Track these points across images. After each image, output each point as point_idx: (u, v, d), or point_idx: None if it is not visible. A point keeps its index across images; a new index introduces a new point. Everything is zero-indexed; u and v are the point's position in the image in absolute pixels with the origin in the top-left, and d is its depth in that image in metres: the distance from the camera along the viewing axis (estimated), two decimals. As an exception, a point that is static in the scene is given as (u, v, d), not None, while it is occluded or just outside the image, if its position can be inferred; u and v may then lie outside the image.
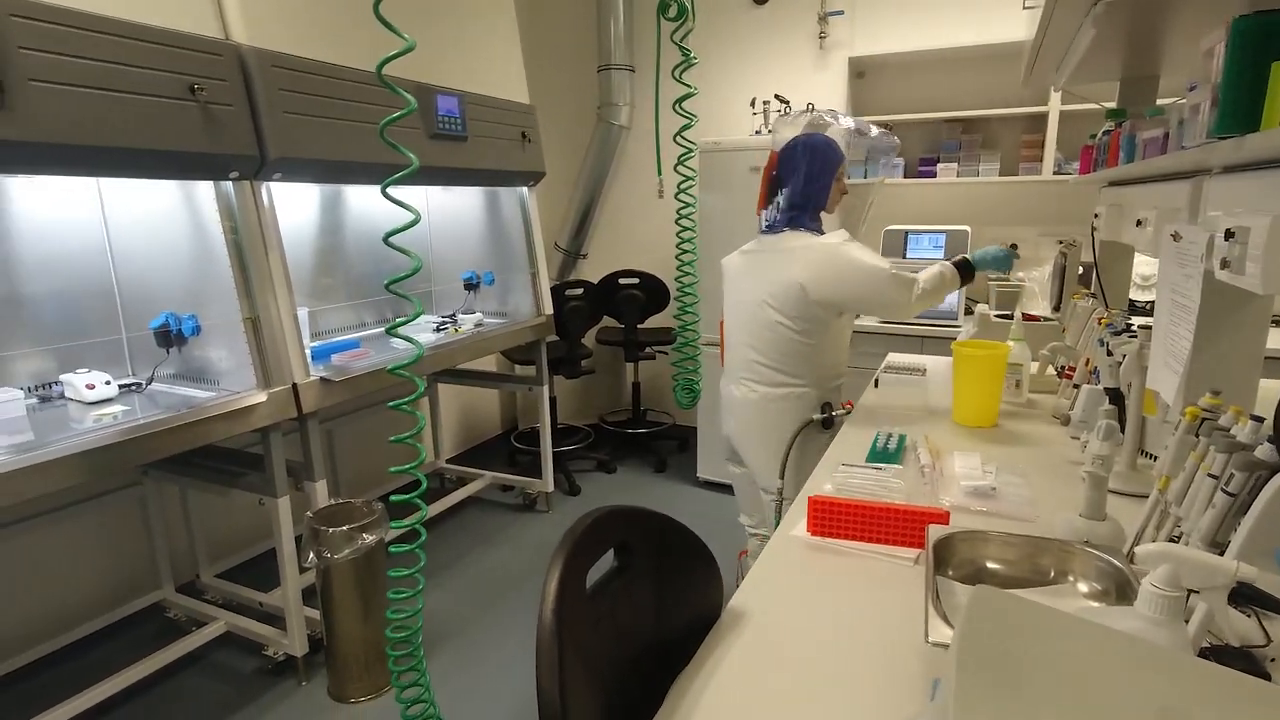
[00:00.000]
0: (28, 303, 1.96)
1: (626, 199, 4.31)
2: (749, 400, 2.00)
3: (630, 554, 0.89)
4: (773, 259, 1.94)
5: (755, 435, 2.03)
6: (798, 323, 1.89)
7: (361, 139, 2.16)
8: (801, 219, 1.93)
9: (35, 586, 2.23)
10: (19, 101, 1.37)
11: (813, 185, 1.92)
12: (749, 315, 1.97)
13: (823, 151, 1.92)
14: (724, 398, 2.13)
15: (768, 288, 1.91)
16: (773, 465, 1.97)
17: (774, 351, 1.93)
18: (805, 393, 1.95)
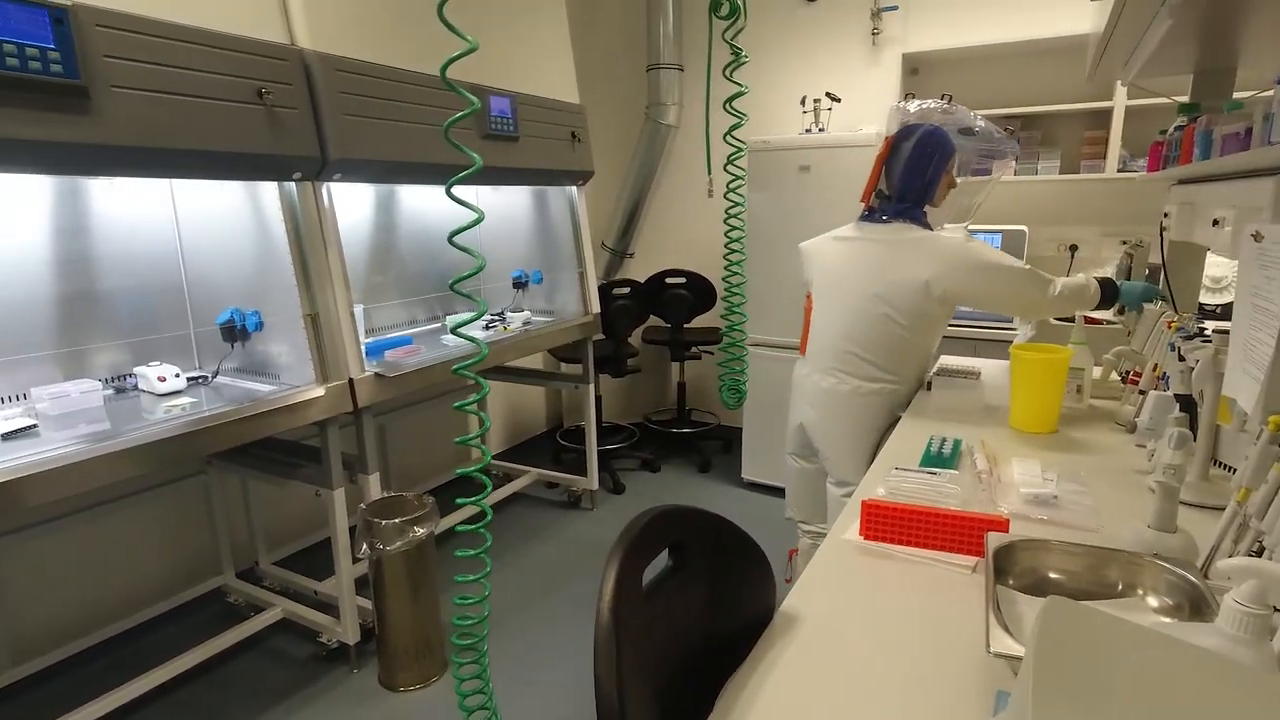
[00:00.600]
0: (104, 298, 2.06)
1: (674, 198, 4.31)
2: (838, 392, 1.95)
3: (685, 553, 0.89)
4: (885, 250, 1.88)
5: (840, 428, 1.97)
6: (908, 318, 1.84)
7: (417, 139, 2.21)
8: (912, 211, 1.88)
9: (106, 570, 2.34)
10: (103, 106, 1.44)
11: (915, 178, 1.88)
12: (852, 306, 1.92)
13: (941, 144, 1.88)
14: (803, 386, 2.07)
15: (880, 280, 1.86)
16: (855, 460, 1.92)
17: (874, 345, 1.89)
18: (896, 390, 1.92)
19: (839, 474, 2.00)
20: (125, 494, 2.33)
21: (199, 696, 2.18)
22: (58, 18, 1.35)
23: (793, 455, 2.17)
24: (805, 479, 2.16)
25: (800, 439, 2.10)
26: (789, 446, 2.18)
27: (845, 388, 1.94)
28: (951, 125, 1.99)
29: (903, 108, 2.06)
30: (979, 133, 2.19)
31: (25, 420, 1.69)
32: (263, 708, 2.12)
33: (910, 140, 1.88)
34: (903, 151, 1.88)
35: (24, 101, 1.34)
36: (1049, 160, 3.27)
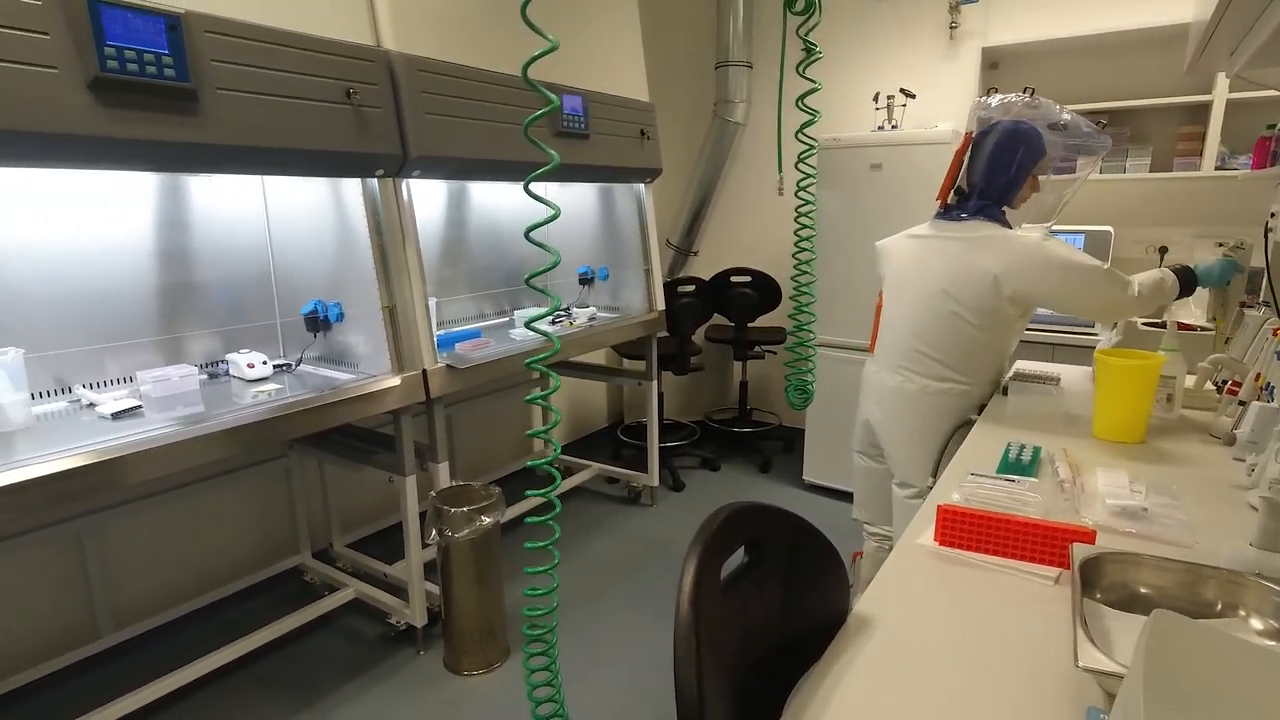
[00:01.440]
0: (200, 289, 2.18)
1: (740, 196, 4.28)
2: (905, 390, 1.92)
3: (761, 551, 0.89)
4: (957, 247, 1.83)
5: (906, 427, 1.94)
6: (978, 316, 1.80)
7: (492, 137, 2.26)
8: (990, 209, 1.82)
9: (195, 545, 2.48)
10: (209, 108, 1.53)
11: (999, 175, 1.81)
12: (920, 303, 1.88)
13: (1026, 140, 1.80)
14: (871, 384, 2.05)
15: (949, 276, 1.82)
16: (920, 461, 1.89)
17: (943, 343, 1.85)
18: (967, 390, 1.87)
19: (903, 475, 1.97)
20: (214, 474, 2.46)
21: (277, 668, 2.29)
22: (172, 25, 1.44)
23: (859, 453, 2.15)
24: (873, 479, 2.13)
25: (867, 436, 2.08)
26: (856, 443, 2.15)
27: (912, 386, 1.91)
28: (1038, 120, 1.91)
29: (985, 102, 1.99)
30: (1067, 127, 2.11)
31: (132, 401, 1.80)
32: (335, 683, 2.21)
33: (994, 136, 1.82)
34: (985, 147, 1.83)
35: (140, 104, 1.43)
36: (1139, 158, 3.12)
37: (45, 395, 1.85)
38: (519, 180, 2.79)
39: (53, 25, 1.31)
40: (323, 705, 2.12)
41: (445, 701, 2.15)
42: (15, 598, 2.06)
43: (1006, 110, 1.93)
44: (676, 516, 3.37)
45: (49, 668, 2.11)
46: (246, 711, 2.09)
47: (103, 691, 1.92)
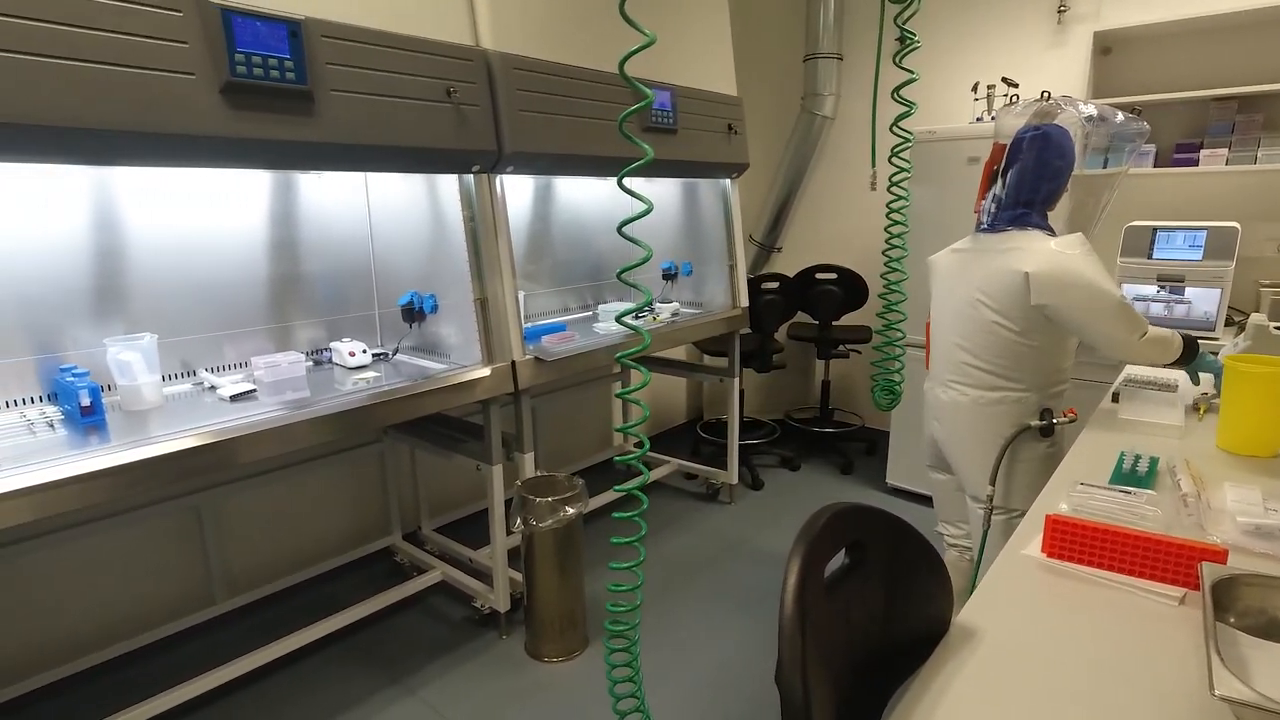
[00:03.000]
0: (306, 280, 2.30)
1: (826, 192, 4.19)
2: (958, 404, 1.91)
3: (863, 553, 0.87)
4: (992, 258, 1.82)
5: (965, 440, 1.93)
6: (1018, 323, 1.77)
7: (583, 132, 2.29)
8: (1030, 218, 1.80)
9: (296, 523, 2.62)
10: (324, 109, 1.61)
11: (1045, 182, 1.79)
12: (960, 314, 1.88)
13: (1059, 145, 1.78)
14: (929, 402, 2.05)
15: (982, 284, 1.82)
16: (983, 472, 1.85)
17: (989, 353, 1.83)
18: (1023, 397, 1.83)
19: (971, 488, 1.95)
20: (315, 456, 2.60)
21: (370, 642, 2.40)
22: (293, 31, 1.52)
23: (932, 469, 2.16)
24: (948, 491, 2.12)
25: (935, 452, 2.09)
26: (927, 459, 2.15)
27: (965, 399, 1.90)
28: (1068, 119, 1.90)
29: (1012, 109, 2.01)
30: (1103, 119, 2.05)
31: (248, 385, 1.92)
32: (422, 661, 2.30)
33: (1028, 143, 1.79)
34: (1020, 155, 1.79)
35: (264, 106, 1.52)
36: (1271, 147, 2.86)
37: (173, 377, 2.00)
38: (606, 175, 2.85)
39: (191, 35, 1.41)
40: (412, 681, 2.21)
41: (527, 686, 2.20)
42: (142, 564, 2.24)
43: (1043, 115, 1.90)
44: (756, 515, 3.33)
45: (171, 629, 2.28)
46: (344, 682, 2.20)
47: (217, 654, 2.06)
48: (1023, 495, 1.85)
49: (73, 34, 1.28)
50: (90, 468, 1.40)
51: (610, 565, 1.25)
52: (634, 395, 1.18)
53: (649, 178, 3.22)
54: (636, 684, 1.37)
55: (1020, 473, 1.87)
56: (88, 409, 1.62)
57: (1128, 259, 2.92)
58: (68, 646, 2.10)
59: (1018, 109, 2.02)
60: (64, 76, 1.27)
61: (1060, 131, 1.79)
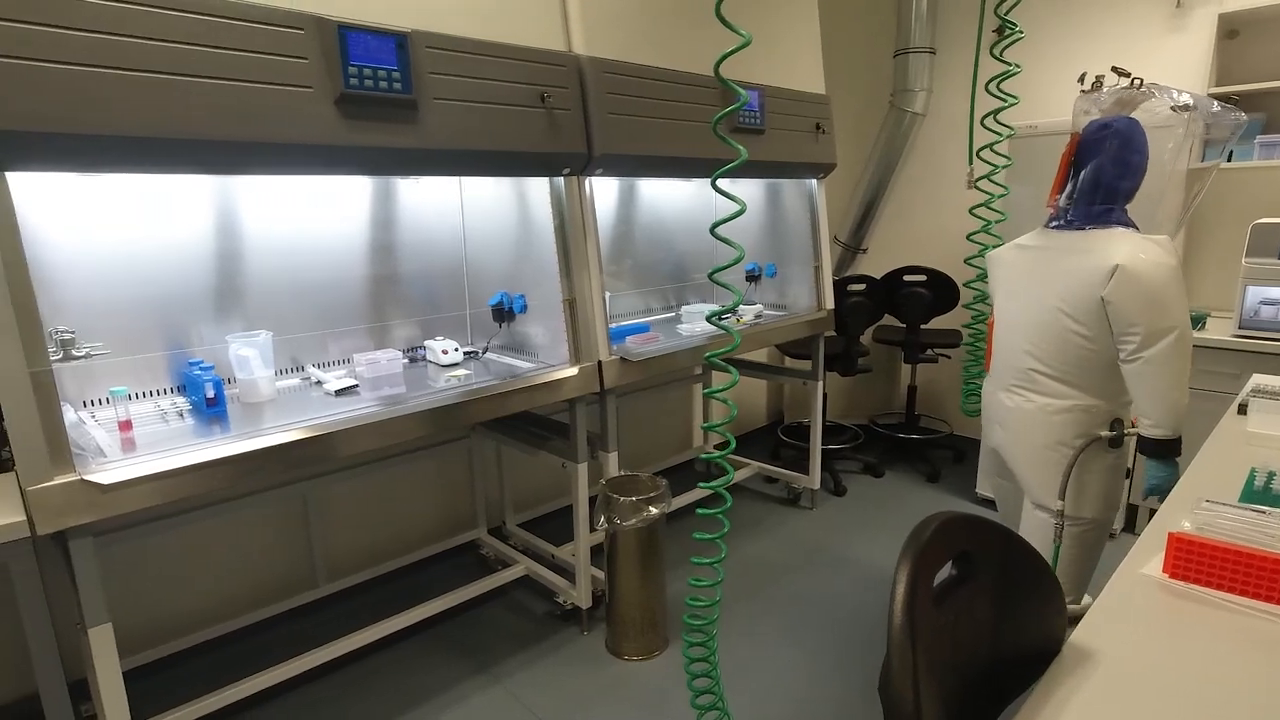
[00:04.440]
0: (402, 281, 2.40)
1: (915, 191, 4.06)
2: (1023, 411, 1.86)
3: (972, 565, 0.84)
4: (1070, 258, 1.75)
5: (1029, 449, 1.87)
6: (1093, 329, 1.71)
7: (670, 134, 2.30)
8: (1114, 214, 1.74)
9: (389, 514, 2.74)
10: (426, 116, 1.68)
11: (1122, 179, 1.73)
12: (1034, 320, 1.82)
13: (1135, 140, 1.73)
14: (990, 405, 1.99)
15: (1063, 291, 1.74)
16: (1049, 482, 1.80)
17: (1061, 361, 1.77)
18: (1093, 406, 1.77)
19: (1035, 497, 1.90)
20: (408, 450, 2.70)
21: (457, 631, 2.48)
22: (400, 43, 1.59)
23: (990, 474, 2.16)
24: (1011, 497, 2.10)
25: (995, 460, 2.05)
26: (987, 464, 2.14)
27: (1031, 406, 1.85)
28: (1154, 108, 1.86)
29: (1093, 98, 1.94)
30: (1195, 107, 1.94)
31: (350, 380, 2.02)
32: (506, 652, 2.36)
33: (1110, 134, 1.73)
34: (1107, 147, 1.73)
35: (372, 115, 1.60)
36: None
37: (284, 372, 2.12)
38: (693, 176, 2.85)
39: (311, 50, 1.50)
40: (497, 670, 2.27)
41: (607, 682, 2.22)
42: (254, 547, 2.40)
43: (1120, 104, 1.86)
44: (838, 522, 3.26)
45: (278, 608, 2.43)
46: (432, 670, 2.28)
47: (318, 634, 2.17)
48: (1095, 505, 1.82)
49: (209, 54, 1.38)
50: (213, 456, 1.50)
51: (692, 560, 1.25)
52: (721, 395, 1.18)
53: (733, 178, 3.21)
54: (714, 679, 1.37)
55: (1091, 483, 1.80)
56: (212, 400, 1.75)
57: (1255, 259, 2.71)
58: (187, 621, 2.27)
59: (1098, 96, 1.94)
60: (202, 94, 1.38)
61: (1132, 125, 1.74)
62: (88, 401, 1.79)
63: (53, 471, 1.30)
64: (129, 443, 1.57)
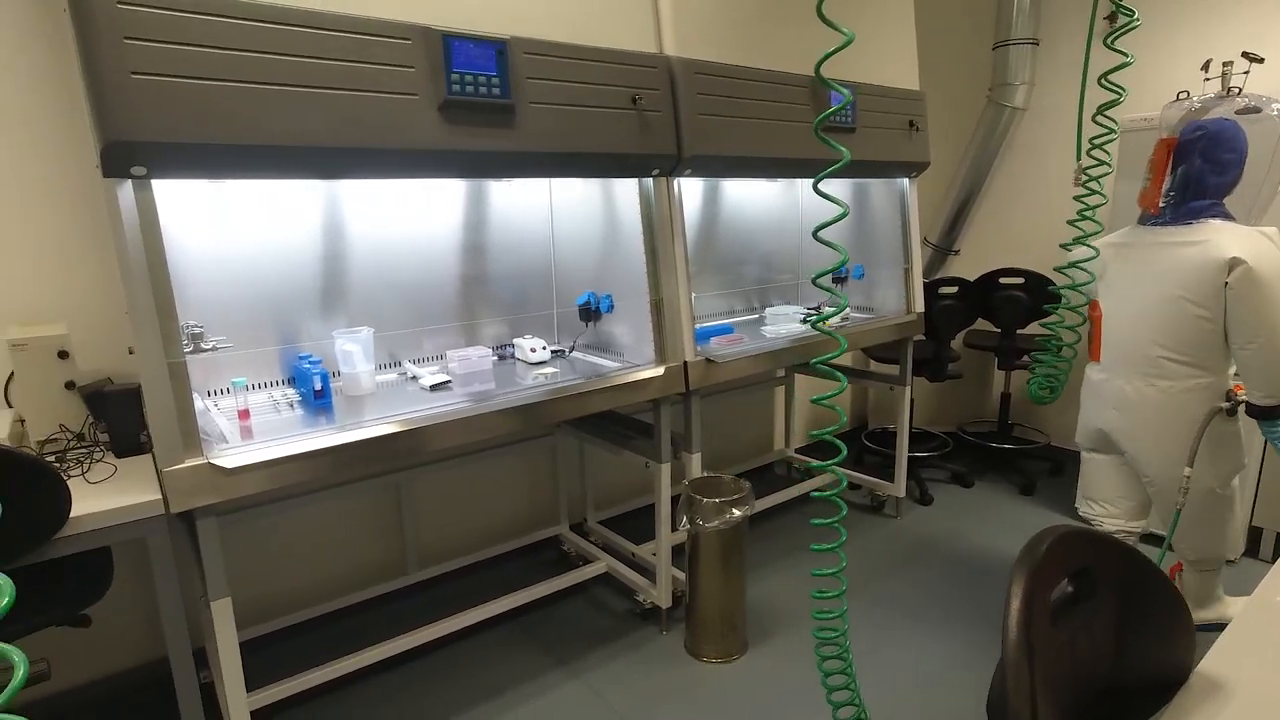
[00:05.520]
0: (493, 280, 2.47)
1: (1013, 190, 3.88)
2: (1147, 397, 1.98)
3: (1091, 583, 0.80)
4: (1179, 251, 1.89)
5: (1158, 429, 1.99)
6: (1214, 311, 1.84)
7: (760, 134, 2.28)
8: (1217, 208, 1.90)
9: (476, 506, 2.82)
10: (524, 121, 1.73)
11: (1217, 176, 1.88)
12: (1155, 310, 1.95)
13: (1228, 139, 1.87)
14: (1102, 391, 2.10)
15: (1181, 280, 1.88)
16: (1177, 458, 1.92)
17: (1189, 346, 1.91)
18: (1212, 382, 1.92)
19: (1154, 473, 2.03)
20: (494, 446, 2.78)
21: (539, 624, 2.53)
22: (500, 50, 1.65)
23: (1088, 449, 2.25)
24: (1105, 469, 2.20)
25: (1099, 439, 2.17)
26: (1085, 442, 2.25)
27: (1154, 390, 1.97)
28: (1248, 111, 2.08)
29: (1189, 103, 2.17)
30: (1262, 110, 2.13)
31: (444, 376, 2.10)
32: (586, 648, 2.39)
33: (1211, 136, 1.87)
34: (1200, 147, 1.87)
35: (473, 120, 1.66)
36: None
37: (383, 367, 2.23)
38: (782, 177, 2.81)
39: (417, 59, 1.56)
40: (577, 665, 2.31)
41: (685, 683, 2.22)
42: (350, 533, 2.52)
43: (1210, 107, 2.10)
44: (924, 532, 3.15)
45: (372, 592, 2.54)
46: (514, 660, 2.34)
47: (408, 620, 2.26)
48: (1222, 469, 1.98)
49: (328, 67, 1.46)
50: (319, 445, 1.59)
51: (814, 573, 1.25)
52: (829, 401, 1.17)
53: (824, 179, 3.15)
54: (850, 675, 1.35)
55: (1217, 449, 1.94)
56: (319, 393, 1.85)
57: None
58: (289, 600, 2.40)
59: (1198, 104, 2.17)
60: (321, 104, 1.46)
61: (1222, 124, 1.87)
62: (211, 391, 1.93)
63: (184, 455, 1.40)
64: (247, 430, 1.69)
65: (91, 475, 1.54)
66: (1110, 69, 1.58)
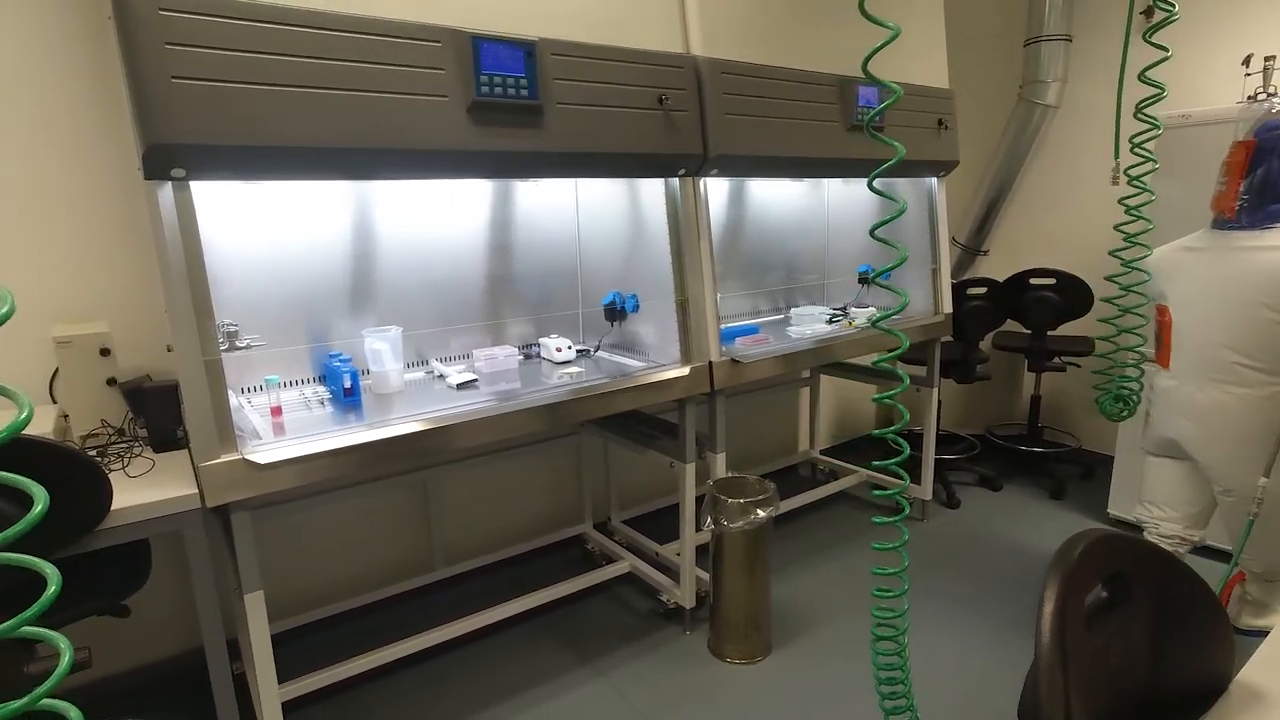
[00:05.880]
0: (518, 280, 2.49)
1: (1044, 189, 3.82)
2: (1224, 405, 1.94)
3: (1126, 588, 0.78)
4: (1262, 256, 1.85)
5: (1232, 437, 1.94)
6: None
7: (787, 133, 2.27)
8: None
9: (498, 506, 2.84)
10: (551, 121, 1.74)
11: None
12: (1232, 316, 1.91)
13: None
14: (1173, 399, 2.06)
15: (1263, 285, 1.84)
16: (1253, 466, 1.88)
17: (1267, 352, 1.87)
18: None
19: (1229, 483, 1.97)
20: (518, 445, 2.80)
21: (562, 622, 2.54)
22: (529, 51, 1.66)
23: (1154, 454, 2.21)
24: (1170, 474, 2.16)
25: (1170, 448, 2.13)
26: (1153, 449, 2.21)
27: (1231, 398, 1.93)
28: None
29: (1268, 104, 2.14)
30: None
31: (470, 375, 2.12)
32: (609, 646, 2.40)
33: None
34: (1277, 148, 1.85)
35: (501, 120, 1.68)
36: None
37: (411, 365, 2.25)
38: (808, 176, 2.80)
39: (447, 61, 1.58)
40: (601, 663, 2.31)
41: (708, 683, 2.22)
42: (377, 529, 2.55)
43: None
44: (950, 535, 3.12)
45: (399, 588, 2.58)
46: (537, 657, 2.35)
47: (435, 616, 2.29)
48: None
49: (360, 69, 1.49)
50: (349, 442, 1.61)
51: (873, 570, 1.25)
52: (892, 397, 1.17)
53: (846, 178, 3.13)
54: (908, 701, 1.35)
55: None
56: (349, 391, 1.88)
57: None
58: (317, 595, 2.44)
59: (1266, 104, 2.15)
60: (350, 106, 1.49)
61: None
62: (245, 388, 1.97)
63: (219, 450, 1.44)
64: (279, 427, 1.72)
65: (131, 469, 1.58)
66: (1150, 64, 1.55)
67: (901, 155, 1.05)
